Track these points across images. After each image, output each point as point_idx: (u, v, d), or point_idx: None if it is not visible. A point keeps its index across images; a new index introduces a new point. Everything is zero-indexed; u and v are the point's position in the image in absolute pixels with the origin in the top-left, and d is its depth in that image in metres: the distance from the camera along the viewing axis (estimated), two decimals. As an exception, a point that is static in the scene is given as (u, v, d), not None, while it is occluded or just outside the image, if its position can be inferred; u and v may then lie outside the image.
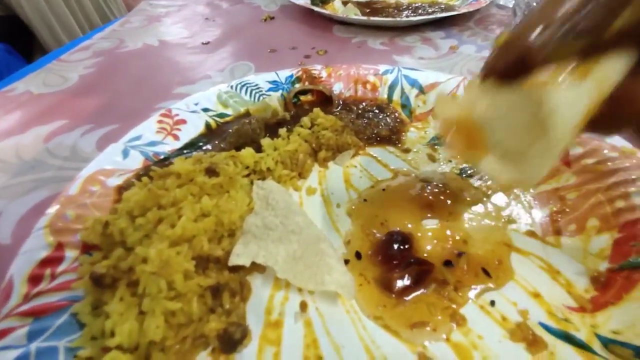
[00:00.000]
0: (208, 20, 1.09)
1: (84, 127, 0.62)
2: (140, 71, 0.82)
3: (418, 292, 0.35)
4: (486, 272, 0.36)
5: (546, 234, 0.40)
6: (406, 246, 0.38)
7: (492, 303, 0.34)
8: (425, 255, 0.38)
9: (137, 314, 0.30)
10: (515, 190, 0.45)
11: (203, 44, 0.94)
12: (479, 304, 0.34)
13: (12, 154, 0.56)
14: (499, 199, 0.45)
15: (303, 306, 0.35)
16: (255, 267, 0.37)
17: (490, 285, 0.35)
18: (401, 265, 0.36)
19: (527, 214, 0.42)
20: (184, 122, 0.55)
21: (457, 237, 0.40)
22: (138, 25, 1.08)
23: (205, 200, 0.38)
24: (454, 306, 0.34)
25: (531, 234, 0.40)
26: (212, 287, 0.33)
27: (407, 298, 0.34)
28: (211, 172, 0.42)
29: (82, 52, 0.91)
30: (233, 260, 0.33)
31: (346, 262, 0.38)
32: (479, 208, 0.43)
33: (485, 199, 0.44)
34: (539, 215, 0.42)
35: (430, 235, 0.40)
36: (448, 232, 0.40)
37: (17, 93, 0.74)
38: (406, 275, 0.35)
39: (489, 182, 0.46)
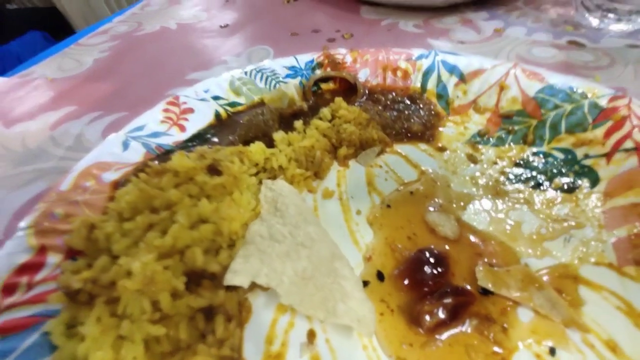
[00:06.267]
0: (228, 2, 1.03)
1: (92, 114, 0.59)
2: (154, 55, 0.78)
3: (455, 330, 0.28)
4: (543, 309, 0.29)
5: (623, 264, 0.31)
6: (440, 269, 0.31)
7: (552, 352, 0.27)
8: (464, 281, 0.31)
9: (115, 339, 0.26)
10: (581, 202, 0.36)
11: (221, 27, 0.88)
12: (535, 351, 0.27)
13: (18, 142, 0.54)
14: (558, 210, 0.36)
15: (311, 336, 0.29)
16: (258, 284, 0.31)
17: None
18: (434, 294, 0.29)
19: (596, 234, 0.34)
20: (191, 111, 0.50)
21: (502, 256, 0.32)
22: (158, 8, 1.04)
23: (204, 204, 0.33)
24: (500, 351, 0.27)
25: (604, 262, 0.32)
26: (204, 309, 0.28)
27: (440, 337, 0.28)
28: (213, 170, 0.36)
29: (100, 36, 0.89)
30: (229, 280, 0.28)
31: (365, 283, 0.32)
32: (532, 223, 0.35)
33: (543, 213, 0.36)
34: (613, 238, 0.33)
35: (468, 255, 0.33)
36: (492, 250, 0.33)
37: (33, 77, 0.72)
38: (440, 308, 0.28)
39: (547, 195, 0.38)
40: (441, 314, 0.28)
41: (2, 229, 0.40)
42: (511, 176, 0.40)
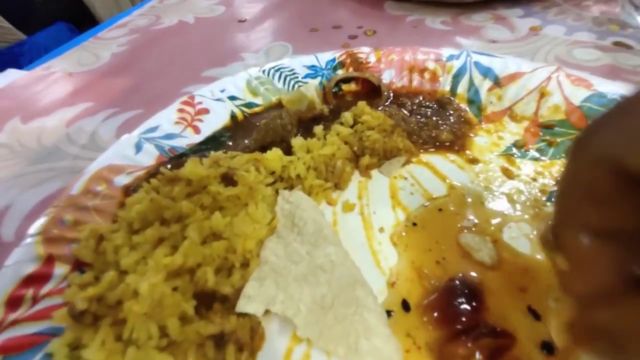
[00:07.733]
0: (247, -4, 1.01)
1: (107, 111, 0.57)
2: (171, 50, 0.76)
3: (492, 379, 0.25)
4: None
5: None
6: (474, 304, 0.28)
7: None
8: (500, 318, 0.27)
9: (119, 366, 0.24)
10: None
11: (239, 21, 0.86)
12: (584, 407, 0.23)
13: (34, 139, 0.53)
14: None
15: (329, 371, 0.26)
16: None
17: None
18: (469, 334, 0.26)
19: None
20: (206, 111, 0.48)
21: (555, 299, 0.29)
22: (177, 1, 1.02)
23: (217, 217, 0.31)
24: (543, 405, 0.24)
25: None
26: (215, 336, 0.26)
27: (474, 383, 0.25)
28: (228, 179, 0.34)
29: (119, 30, 0.88)
30: (242, 306, 0.26)
31: (389, 313, 0.29)
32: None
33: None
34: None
35: (509, 289, 0.29)
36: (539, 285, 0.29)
37: (51, 71, 0.72)
38: (476, 352, 0.25)
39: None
40: (477, 358, 0.25)
41: (13, 231, 0.40)
42: (553, 196, 0.36)
